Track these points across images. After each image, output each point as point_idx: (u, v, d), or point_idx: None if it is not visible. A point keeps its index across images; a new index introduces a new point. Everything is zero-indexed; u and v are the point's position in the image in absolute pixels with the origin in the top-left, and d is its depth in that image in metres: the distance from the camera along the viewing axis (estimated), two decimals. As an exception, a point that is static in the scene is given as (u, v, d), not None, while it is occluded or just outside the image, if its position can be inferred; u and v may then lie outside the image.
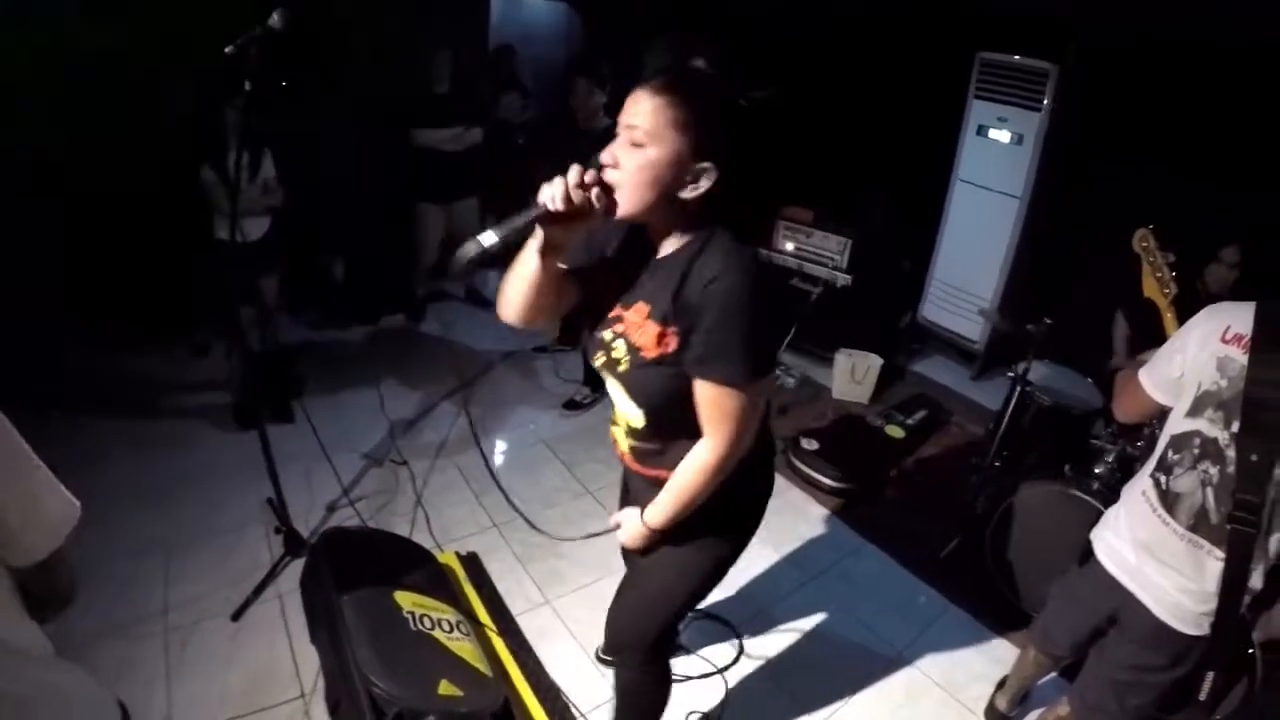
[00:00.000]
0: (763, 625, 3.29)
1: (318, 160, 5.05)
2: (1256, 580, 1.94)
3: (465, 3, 6.69)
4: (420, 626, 2.65)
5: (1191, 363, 1.99)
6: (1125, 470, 2.96)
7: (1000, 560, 3.33)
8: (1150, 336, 2.47)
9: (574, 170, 1.54)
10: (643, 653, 2.21)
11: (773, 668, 3.13)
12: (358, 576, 2.75)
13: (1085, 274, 4.53)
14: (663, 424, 1.81)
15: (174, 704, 2.74)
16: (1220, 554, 1.93)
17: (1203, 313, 2.02)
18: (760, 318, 1.62)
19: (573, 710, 2.82)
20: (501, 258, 1.61)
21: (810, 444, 4.21)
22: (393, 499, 3.82)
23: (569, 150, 2.75)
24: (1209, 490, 1.94)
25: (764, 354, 1.72)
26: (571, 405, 4.76)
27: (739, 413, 1.66)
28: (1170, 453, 2.04)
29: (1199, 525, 1.96)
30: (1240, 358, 1.88)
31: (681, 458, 1.78)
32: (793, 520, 3.93)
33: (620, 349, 1.75)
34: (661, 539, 1.94)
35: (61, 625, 2.82)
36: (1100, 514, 2.76)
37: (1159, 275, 2.40)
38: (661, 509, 1.86)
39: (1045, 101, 4.65)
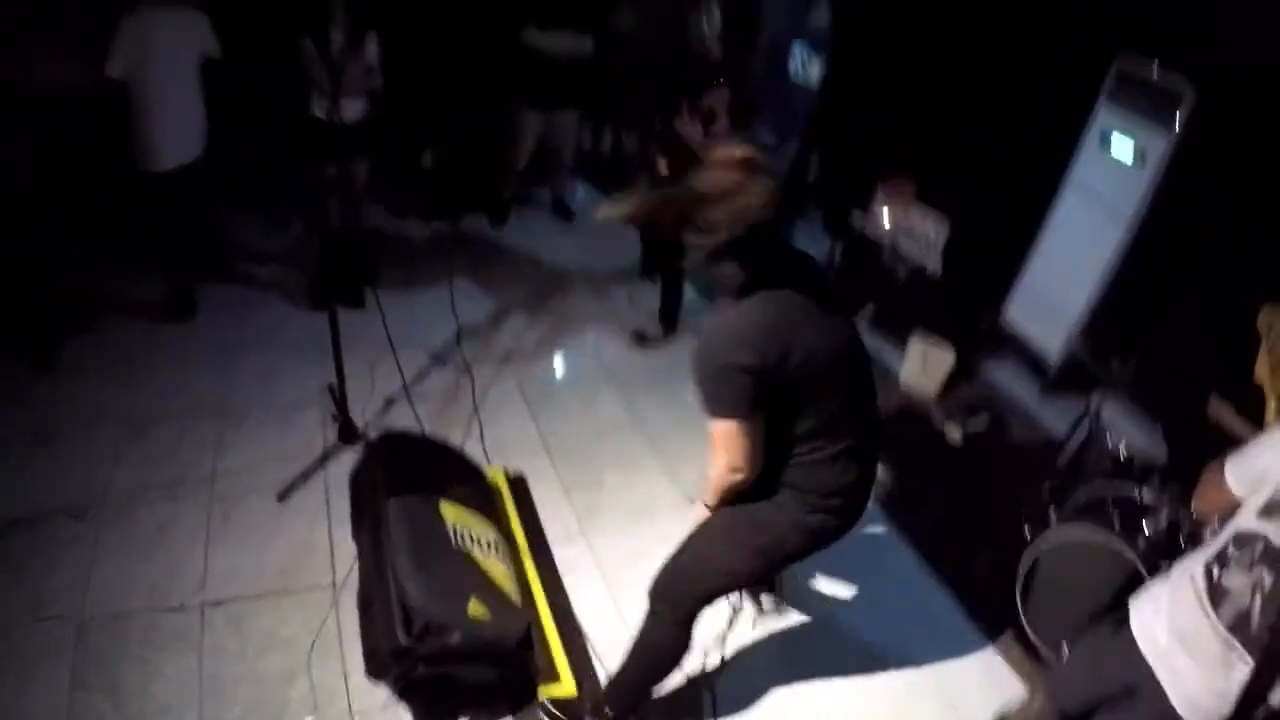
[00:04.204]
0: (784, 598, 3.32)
1: (420, 48, 4.98)
2: (1278, 698, 1.90)
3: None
4: (460, 542, 2.73)
5: (1276, 454, 1.93)
6: (1173, 536, 2.88)
7: (1029, 591, 3.29)
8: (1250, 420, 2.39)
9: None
10: (670, 612, 2.42)
11: (782, 639, 3.19)
12: (408, 482, 2.83)
13: (1183, 317, 4.32)
14: None
15: (210, 570, 2.90)
16: (1251, 661, 1.88)
17: None
18: (709, 372, 1.99)
19: (590, 649, 2.90)
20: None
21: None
22: (451, 403, 3.91)
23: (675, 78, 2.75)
24: (1258, 596, 1.88)
25: (718, 398, 1.99)
26: (640, 338, 4.73)
27: (716, 439, 2.04)
28: (1231, 547, 1.98)
29: (1238, 628, 1.91)
30: None
31: None
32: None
33: None
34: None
35: (110, 475, 2.99)
36: (1140, 577, 2.73)
37: (1275, 363, 2.29)
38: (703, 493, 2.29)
39: (1177, 126, 4.35)
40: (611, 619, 3.03)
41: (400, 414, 3.78)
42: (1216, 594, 1.97)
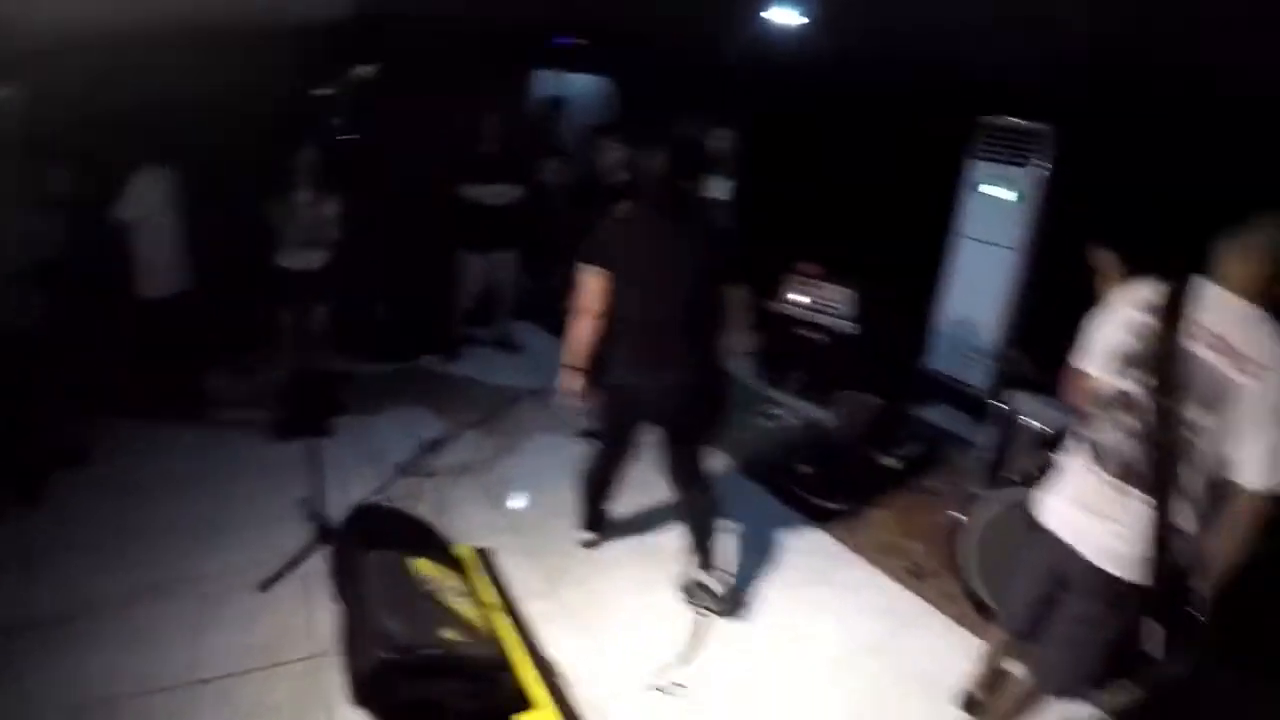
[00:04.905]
0: (749, 619, 3.56)
1: (372, 204, 5.55)
2: (1187, 522, 2.16)
3: (515, 73, 7.39)
4: (428, 588, 2.98)
5: (1109, 330, 2.31)
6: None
7: (978, 565, 3.53)
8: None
9: None
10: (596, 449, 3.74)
11: (756, 649, 3.40)
12: (381, 540, 3.14)
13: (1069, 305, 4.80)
14: None
15: (198, 654, 3.07)
16: (1146, 497, 2.16)
17: (1119, 289, 2.37)
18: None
19: (562, 683, 3.08)
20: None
21: (804, 469, 4.50)
22: (417, 504, 4.14)
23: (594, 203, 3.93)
24: (1132, 440, 2.19)
25: (580, 250, 3.22)
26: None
27: None
28: (1098, 412, 2.31)
29: (1124, 472, 2.21)
30: (1148, 321, 2.19)
31: None
32: (781, 533, 4.20)
33: None
34: None
35: (98, 584, 3.27)
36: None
37: (1106, 276, 2.72)
38: None
39: (1041, 160, 5.13)
40: (586, 654, 3.24)
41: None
42: (1098, 452, 2.29)
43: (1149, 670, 2.82)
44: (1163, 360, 2.15)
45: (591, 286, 3.21)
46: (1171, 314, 2.17)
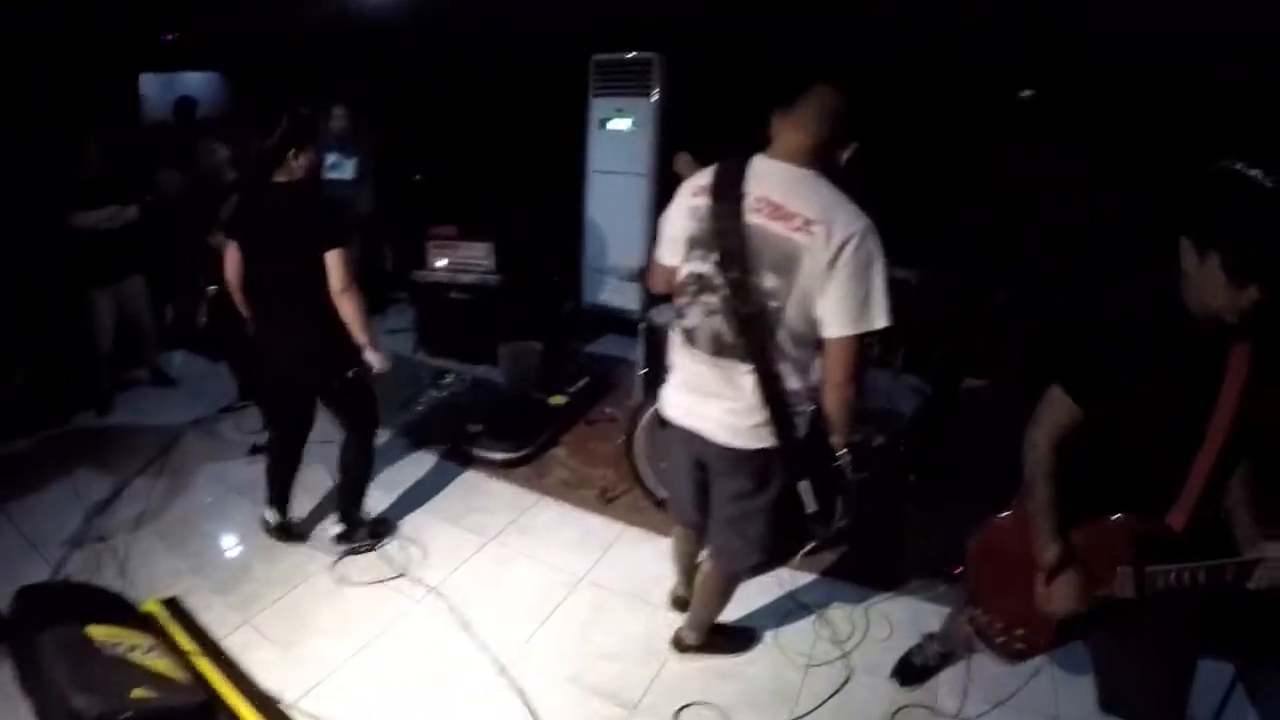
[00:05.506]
0: (452, 586, 3.75)
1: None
2: (793, 381, 2.30)
3: (112, 83, 6.81)
4: (114, 652, 2.93)
5: (674, 219, 2.49)
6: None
7: (652, 471, 3.97)
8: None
9: None
10: None
11: (465, 610, 3.60)
12: (53, 619, 3.02)
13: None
14: None
15: None
16: (745, 367, 2.29)
17: (683, 183, 2.53)
18: None
19: (280, 705, 3.12)
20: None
21: (475, 427, 4.76)
22: (98, 573, 3.91)
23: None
24: (716, 317, 2.31)
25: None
26: (255, 450, 4.94)
27: None
28: (681, 299, 2.48)
29: (718, 349, 2.33)
30: (706, 204, 2.32)
31: None
32: (467, 496, 4.45)
33: None
34: None
35: None
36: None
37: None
38: None
39: (655, 88, 5.63)
40: (301, 669, 3.29)
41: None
42: (690, 336, 2.44)
43: (819, 526, 3.23)
44: (723, 236, 2.26)
45: (228, 259, 3.58)
46: (720, 191, 2.30)
